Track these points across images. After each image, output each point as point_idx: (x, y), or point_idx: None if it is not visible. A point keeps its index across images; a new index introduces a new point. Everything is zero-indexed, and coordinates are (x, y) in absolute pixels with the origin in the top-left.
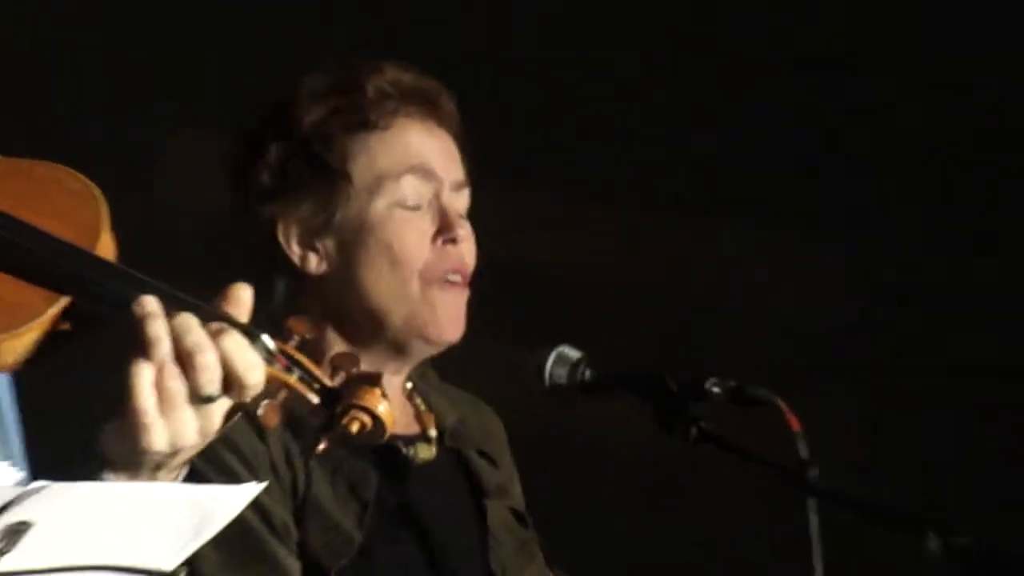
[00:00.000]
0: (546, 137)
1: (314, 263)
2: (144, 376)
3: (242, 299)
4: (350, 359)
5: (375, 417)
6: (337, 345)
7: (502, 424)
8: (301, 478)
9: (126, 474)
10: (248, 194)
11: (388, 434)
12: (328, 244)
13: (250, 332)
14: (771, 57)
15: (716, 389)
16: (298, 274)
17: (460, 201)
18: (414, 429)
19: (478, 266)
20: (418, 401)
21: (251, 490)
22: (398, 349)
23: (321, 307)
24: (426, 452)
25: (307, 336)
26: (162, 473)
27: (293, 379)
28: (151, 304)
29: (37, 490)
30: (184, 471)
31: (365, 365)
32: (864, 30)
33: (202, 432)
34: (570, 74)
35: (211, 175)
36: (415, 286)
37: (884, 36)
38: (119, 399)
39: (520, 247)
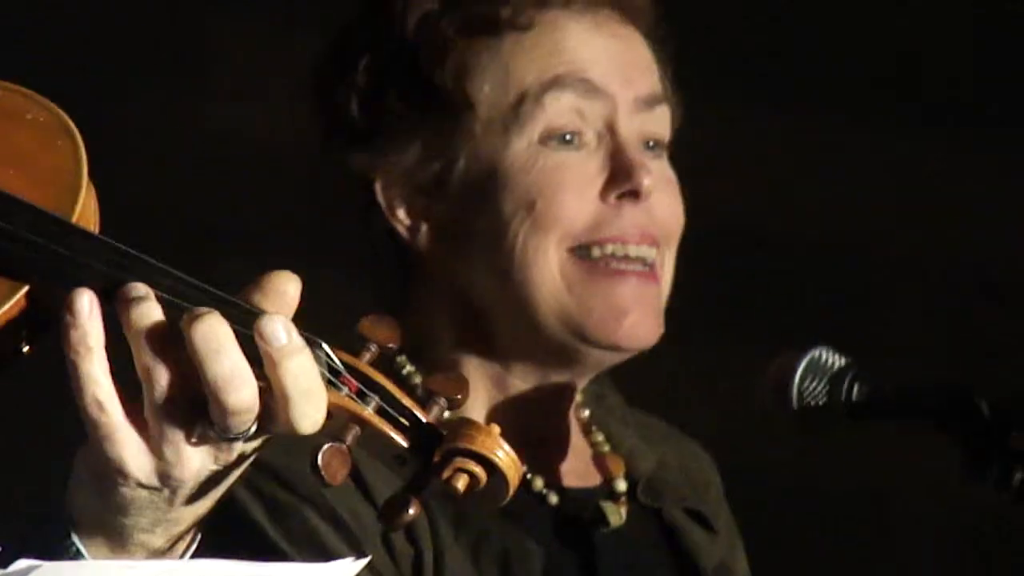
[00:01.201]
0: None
1: (427, 237)
2: (90, 344)
3: (287, 293)
4: (453, 381)
5: (491, 468)
6: (472, 355)
7: (716, 469)
8: (428, 556)
9: (102, 538)
10: (331, 134)
11: (511, 493)
12: (447, 208)
13: (309, 340)
14: None
15: None
16: (408, 252)
17: (652, 128)
18: (593, 479)
19: (690, 232)
20: (598, 438)
21: (349, 569)
22: (558, 358)
23: (443, 300)
24: (613, 514)
25: (390, 345)
26: (158, 536)
27: (368, 411)
28: (140, 289)
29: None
30: (196, 538)
31: (517, 383)
32: None
33: (216, 463)
34: None
35: (277, 93)
36: (556, 259)
37: None
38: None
39: (752, 203)
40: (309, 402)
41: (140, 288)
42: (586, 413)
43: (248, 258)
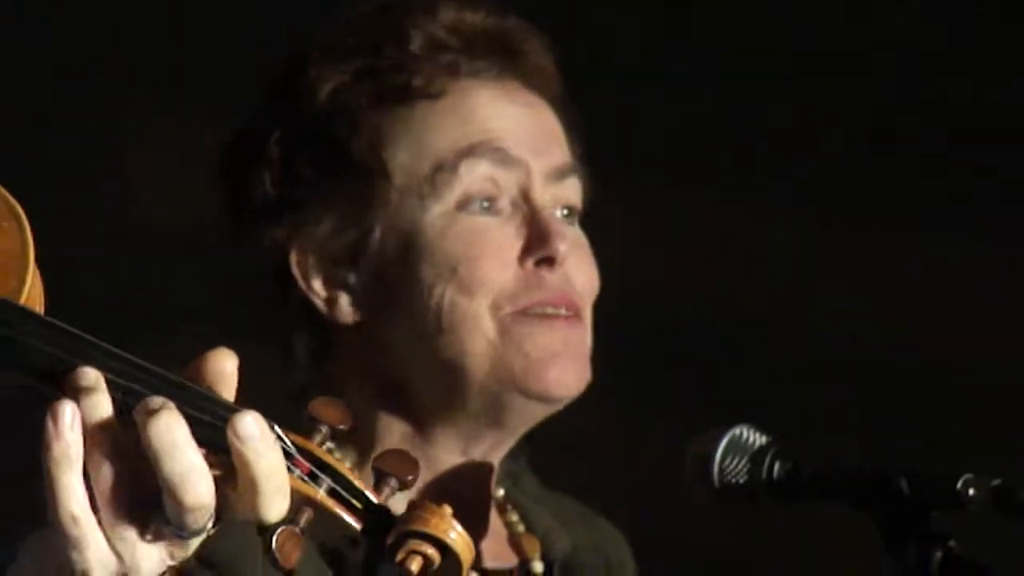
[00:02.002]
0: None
1: (347, 308)
2: (71, 456)
3: (225, 372)
4: (403, 460)
5: (445, 549)
6: (394, 429)
7: (629, 550)
8: None
9: None
10: (244, 210)
11: (464, 574)
12: (366, 278)
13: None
14: None
15: (973, 491)
16: (326, 325)
17: (565, 194)
18: (509, 560)
19: (604, 301)
20: (513, 518)
21: None
22: (490, 414)
23: (364, 373)
24: None
25: (340, 426)
26: None
27: (320, 494)
28: (90, 377)
29: None
30: None
31: (440, 456)
32: None
33: (172, 559)
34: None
35: (194, 176)
36: (490, 323)
37: None
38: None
39: (670, 272)
40: (277, 494)
41: (90, 376)
42: (501, 492)
43: (170, 340)
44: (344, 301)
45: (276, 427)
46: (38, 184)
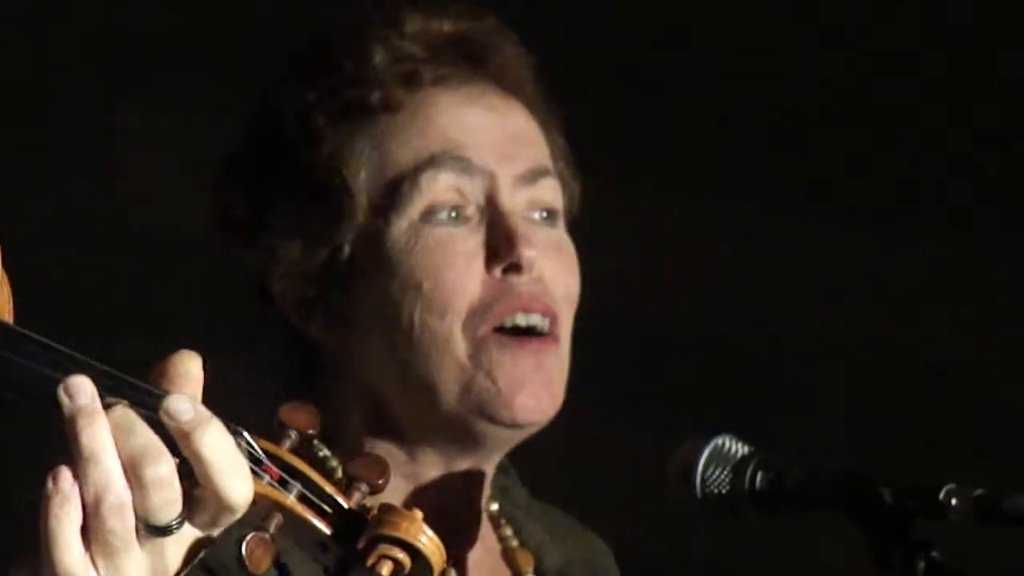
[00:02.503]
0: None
1: (319, 325)
2: (71, 513)
3: (190, 374)
4: (374, 465)
5: (416, 554)
6: (379, 443)
7: (615, 561)
8: None
9: None
10: (228, 233)
11: None
12: (337, 296)
13: (229, 428)
14: None
15: (955, 501)
16: (304, 341)
17: (540, 196)
18: (502, 574)
19: (584, 310)
20: (507, 532)
21: None
22: (460, 440)
23: (345, 388)
24: None
25: (310, 431)
26: None
27: (290, 499)
28: (85, 389)
29: None
30: None
31: (425, 471)
32: None
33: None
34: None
35: (194, 180)
36: (462, 343)
37: None
38: (29, 539)
39: (650, 279)
40: (234, 472)
41: (87, 389)
42: (495, 507)
43: (153, 343)
44: (319, 319)
45: (244, 432)
46: (35, 185)
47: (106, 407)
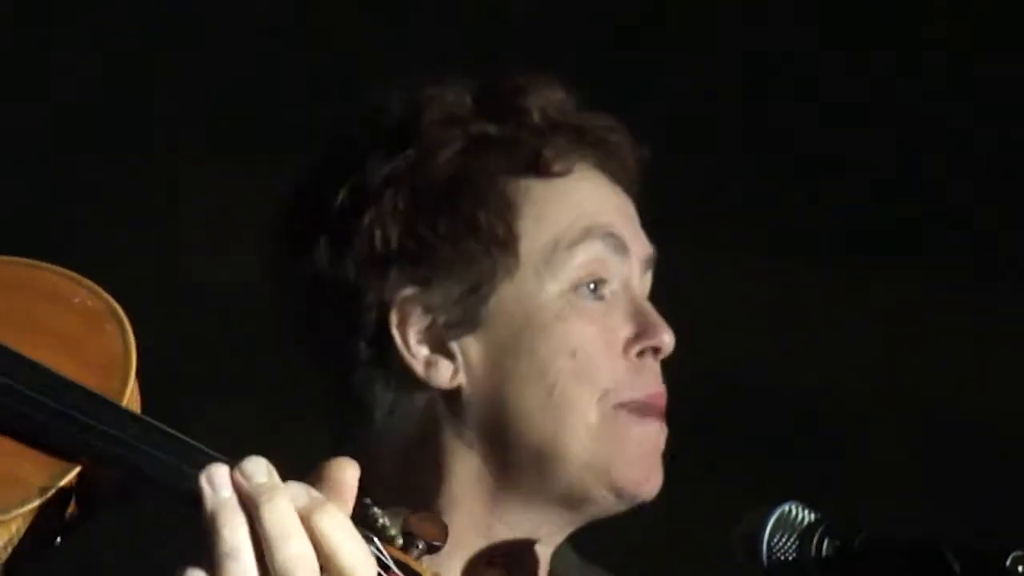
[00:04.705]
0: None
1: (447, 372)
2: None
3: (346, 482)
4: (434, 524)
5: None
6: (463, 500)
7: None
8: None
9: None
10: (342, 262)
11: None
12: (471, 345)
13: (360, 533)
14: None
15: (1022, 568)
16: (418, 386)
17: (646, 287)
18: None
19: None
20: None
21: None
22: (569, 503)
23: (446, 441)
24: None
25: (436, 543)
26: None
27: None
28: (223, 480)
29: None
30: None
31: (505, 527)
32: None
33: None
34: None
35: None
36: (595, 413)
37: None
38: None
39: (708, 343)
40: (356, 544)
41: (225, 479)
42: (549, 568)
43: (223, 407)
44: (444, 366)
45: (376, 540)
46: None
47: (266, 493)
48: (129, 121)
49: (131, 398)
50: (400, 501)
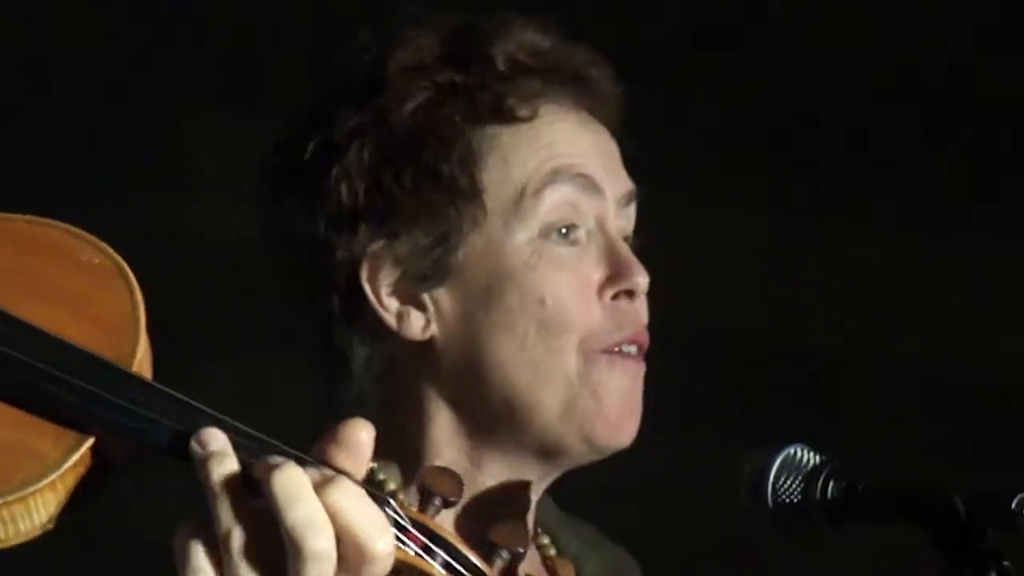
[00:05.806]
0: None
1: (418, 324)
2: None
3: (361, 444)
4: (449, 479)
5: None
6: (444, 450)
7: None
8: None
9: None
10: (312, 217)
11: None
12: (441, 296)
13: (375, 496)
14: None
15: None
16: (391, 339)
17: (626, 226)
18: None
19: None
20: (544, 540)
21: None
22: (545, 453)
23: (423, 391)
24: None
25: (452, 498)
26: None
27: (437, 568)
28: (216, 440)
29: None
30: None
31: (488, 478)
32: None
33: None
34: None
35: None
36: (574, 362)
37: None
38: None
39: (714, 295)
40: (380, 556)
41: (219, 438)
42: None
43: (227, 357)
44: (416, 317)
45: (392, 501)
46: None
47: (273, 465)
48: (132, 71)
49: (143, 357)
50: (388, 454)
